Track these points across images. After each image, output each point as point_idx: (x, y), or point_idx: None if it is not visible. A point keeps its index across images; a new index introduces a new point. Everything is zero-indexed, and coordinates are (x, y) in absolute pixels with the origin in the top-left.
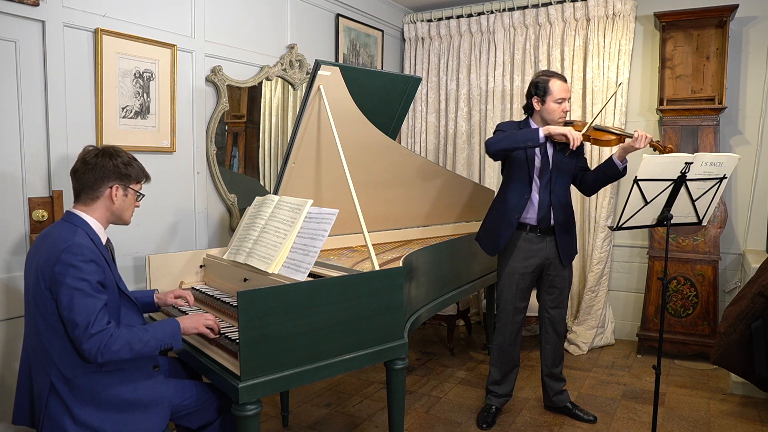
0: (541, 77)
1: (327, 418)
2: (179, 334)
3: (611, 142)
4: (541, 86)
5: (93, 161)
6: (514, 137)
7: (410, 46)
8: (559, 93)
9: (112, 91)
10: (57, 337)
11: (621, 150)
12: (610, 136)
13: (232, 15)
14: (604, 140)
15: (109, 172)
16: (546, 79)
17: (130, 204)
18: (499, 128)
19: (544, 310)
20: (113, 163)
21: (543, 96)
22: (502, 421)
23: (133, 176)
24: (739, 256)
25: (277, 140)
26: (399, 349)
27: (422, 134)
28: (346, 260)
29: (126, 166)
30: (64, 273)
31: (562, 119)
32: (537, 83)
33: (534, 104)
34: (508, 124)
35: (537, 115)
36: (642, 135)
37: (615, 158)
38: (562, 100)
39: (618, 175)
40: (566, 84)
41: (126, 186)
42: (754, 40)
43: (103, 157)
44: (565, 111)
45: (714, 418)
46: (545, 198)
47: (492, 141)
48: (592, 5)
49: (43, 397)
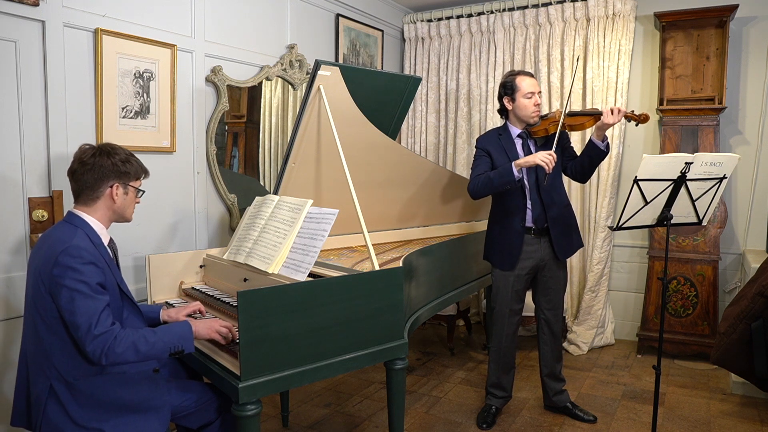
0: (507, 77)
1: (327, 418)
2: (191, 337)
3: (585, 124)
4: (509, 85)
5: (91, 161)
6: (491, 183)
7: (410, 46)
8: (528, 88)
9: (112, 91)
10: (57, 340)
11: (596, 129)
12: (583, 119)
13: (232, 15)
14: (578, 124)
15: (108, 171)
16: (512, 77)
17: (131, 201)
18: (479, 146)
19: (540, 311)
20: (111, 162)
21: (512, 94)
22: (502, 421)
23: (132, 173)
24: (739, 256)
25: (277, 140)
26: (399, 349)
27: (422, 134)
28: (346, 260)
29: (124, 164)
30: (63, 275)
31: (536, 113)
32: (504, 84)
33: (506, 104)
34: (487, 138)
35: (512, 116)
36: (611, 109)
37: (593, 138)
38: (532, 94)
39: (602, 153)
40: (534, 79)
41: (126, 184)
42: (754, 40)
43: (100, 156)
44: (537, 104)
45: (714, 418)
46: (536, 198)
47: (473, 190)
48: (592, 5)
49: (42, 400)
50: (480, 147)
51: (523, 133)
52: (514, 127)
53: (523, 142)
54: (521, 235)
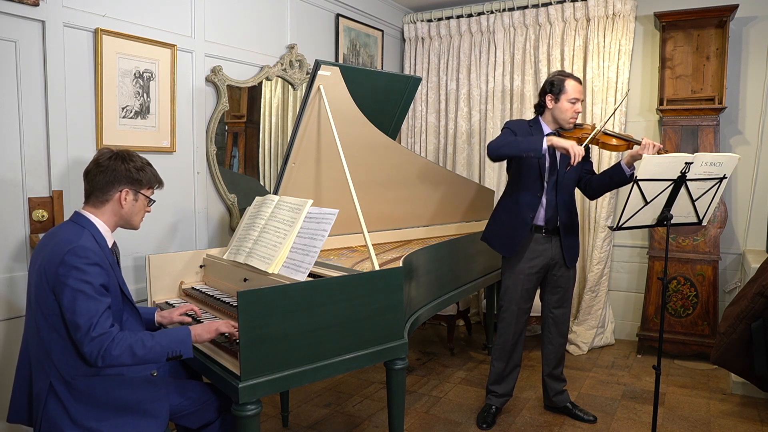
0: (557, 76)
1: (327, 418)
2: (189, 342)
3: (619, 147)
4: (557, 84)
5: (106, 164)
6: (517, 144)
7: (410, 46)
8: (574, 93)
9: (112, 91)
10: (58, 338)
11: (629, 156)
12: (618, 141)
13: (232, 15)
14: (612, 145)
15: (121, 176)
16: (562, 78)
17: (140, 209)
18: (508, 127)
19: (547, 310)
20: (125, 167)
21: (558, 94)
22: (502, 421)
23: (144, 181)
24: (739, 256)
25: (277, 140)
26: (399, 349)
27: (422, 134)
28: (346, 260)
29: (138, 171)
30: (67, 275)
31: (573, 120)
32: (552, 81)
33: (547, 102)
34: (518, 123)
35: (548, 114)
36: (650, 143)
37: (623, 164)
38: (576, 100)
39: (624, 181)
40: (581, 86)
41: (137, 191)
42: (754, 40)
43: (116, 161)
44: (578, 112)
45: (714, 418)
46: (552, 198)
47: (494, 146)
48: (592, 5)
49: (42, 398)
50: (511, 128)
51: (554, 133)
52: (546, 125)
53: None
54: (527, 227)
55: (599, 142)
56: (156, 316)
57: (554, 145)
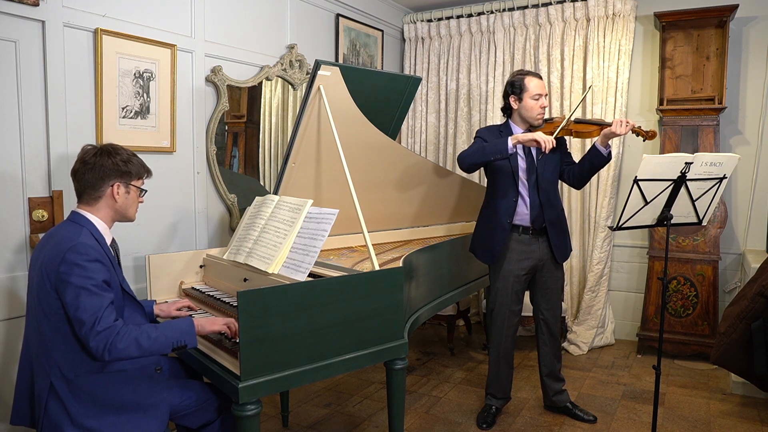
0: (516, 76)
1: (327, 418)
2: (194, 332)
3: (592, 133)
4: (517, 84)
5: (92, 161)
6: (483, 151)
7: (410, 46)
8: (536, 89)
9: (112, 91)
10: (60, 336)
11: (602, 137)
12: (590, 127)
13: (232, 15)
14: (585, 132)
15: (109, 170)
16: (521, 77)
17: (134, 201)
18: (479, 135)
19: (538, 312)
20: (112, 162)
21: (519, 94)
22: (502, 421)
23: (133, 173)
24: (739, 256)
25: (277, 140)
26: (399, 349)
27: (422, 134)
28: (346, 260)
29: (125, 164)
30: (70, 272)
31: (541, 116)
32: (513, 82)
33: (511, 103)
34: (488, 130)
35: (516, 115)
36: (620, 120)
37: (598, 145)
38: (539, 96)
39: (604, 161)
40: (542, 81)
41: (127, 183)
42: (754, 40)
43: (101, 156)
44: (543, 107)
45: (714, 418)
46: (535, 198)
47: (463, 156)
48: (592, 5)
49: (43, 398)
50: (481, 137)
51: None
52: (516, 126)
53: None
54: (506, 231)
55: (572, 131)
56: (155, 309)
57: (520, 141)
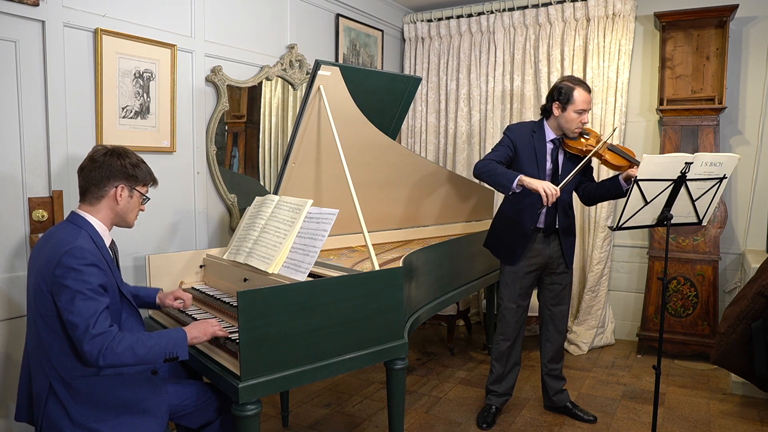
0: (565, 83)
1: (327, 418)
2: (185, 344)
3: (621, 168)
4: (565, 93)
5: (101, 159)
6: (494, 177)
7: (410, 46)
8: (582, 104)
9: (112, 91)
10: (57, 339)
11: (627, 174)
12: (621, 161)
13: (232, 15)
14: (615, 164)
15: (116, 171)
16: (571, 86)
17: (135, 206)
18: (506, 134)
19: (545, 307)
20: (121, 163)
21: (565, 103)
22: (502, 421)
23: (140, 178)
24: (739, 256)
25: (277, 140)
26: (399, 349)
27: (422, 134)
28: (346, 260)
29: (134, 167)
30: (65, 276)
31: (578, 130)
32: (561, 88)
33: (554, 109)
34: (519, 129)
35: (553, 120)
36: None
37: (621, 180)
38: (583, 111)
39: (621, 195)
40: (590, 95)
41: (132, 187)
42: (754, 40)
43: (111, 156)
44: (584, 123)
45: (714, 418)
46: (552, 207)
47: (477, 169)
48: (592, 5)
49: (42, 398)
50: (509, 136)
51: (557, 140)
52: (550, 130)
53: (553, 148)
54: (528, 237)
55: (601, 157)
56: (157, 296)
57: (526, 185)
